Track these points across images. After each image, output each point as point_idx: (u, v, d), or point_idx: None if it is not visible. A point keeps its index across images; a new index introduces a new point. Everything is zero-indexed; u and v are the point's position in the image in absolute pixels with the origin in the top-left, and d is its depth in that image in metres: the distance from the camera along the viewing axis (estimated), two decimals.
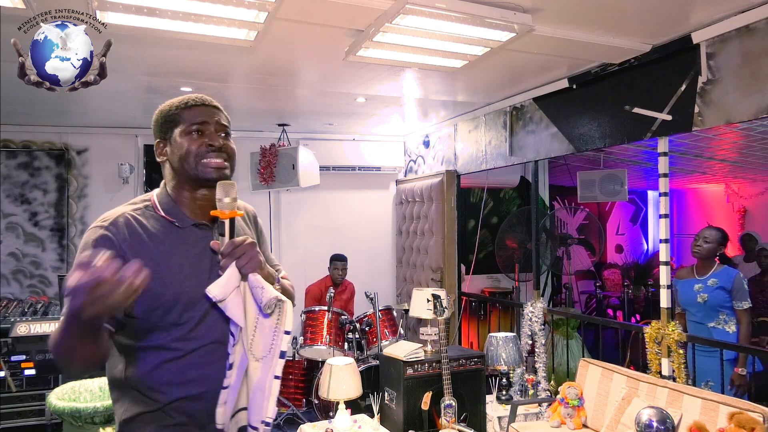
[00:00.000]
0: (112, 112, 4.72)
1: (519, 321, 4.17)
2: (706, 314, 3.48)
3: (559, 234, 6.14)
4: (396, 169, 6.20)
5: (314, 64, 3.39)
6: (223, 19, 2.46)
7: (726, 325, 3.42)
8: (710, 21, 2.72)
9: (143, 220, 1.39)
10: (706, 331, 3.47)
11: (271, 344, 1.32)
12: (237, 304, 1.30)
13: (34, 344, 2.45)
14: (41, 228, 5.08)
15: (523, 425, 3.40)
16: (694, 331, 3.51)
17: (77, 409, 1.99)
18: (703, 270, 3.55)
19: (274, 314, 1.32)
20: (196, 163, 1.40)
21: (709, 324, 3.47)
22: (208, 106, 1.46)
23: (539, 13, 2.56)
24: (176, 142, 1.41)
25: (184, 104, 1.43)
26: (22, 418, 3.42)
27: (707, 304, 3.46)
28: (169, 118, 1.43)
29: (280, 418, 4.57)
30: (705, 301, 3.46)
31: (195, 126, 1.42)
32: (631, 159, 6.10)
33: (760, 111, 2.57)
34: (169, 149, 1.44)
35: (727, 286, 3.43)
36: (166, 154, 1.45)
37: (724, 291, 3.43)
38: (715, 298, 3.43)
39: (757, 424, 2.33)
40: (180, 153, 1.40)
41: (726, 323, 3.43)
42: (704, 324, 3.49)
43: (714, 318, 3.46)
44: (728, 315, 3.43)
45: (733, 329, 3.41)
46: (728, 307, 3.44)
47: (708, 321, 3.48)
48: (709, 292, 3.46)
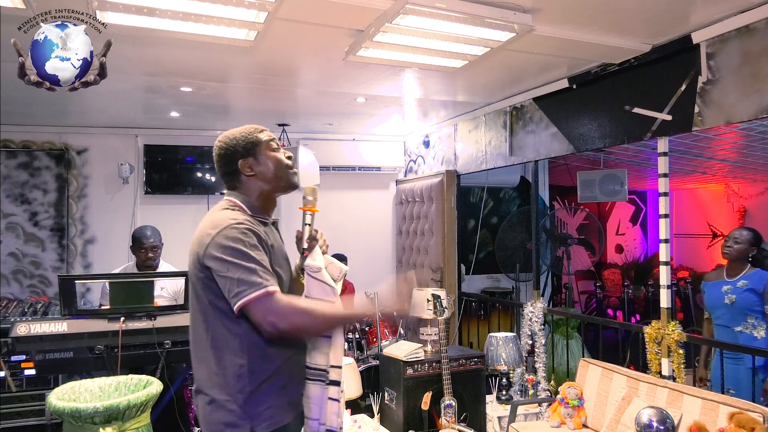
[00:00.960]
0: (112, 112, 4.72)
1: (519, 321, 4.17)
2: (733, 317, 3.31)
3: (559, 234, 6.14)
4: (396, 169, 6.20)
5: (314, 64, 3.39)
6: (223, 19, 2.46)
7: (754, 330, 3.24)
8: (710, 21, 2.72)
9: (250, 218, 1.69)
10: (732, 336, 3.30)
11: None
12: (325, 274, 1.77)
13: (34, 344, 2.45)
14: (41, 228, 5.08)
15: (523, 425, 3.40)
16: (720, 336, 3.38)
17: (77, 409, 1.99)
18: (733, 272, 3.39)
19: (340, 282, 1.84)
20: (285, 172, 1.78)
21: (736, 328, 3.30)
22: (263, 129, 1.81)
23: (539, 13, 2.56)
24: (267, 156, 1.75)
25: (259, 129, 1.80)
26: (22, 418, 3.41)
27: (735, 306, 3.29)
28: (251, 139, 1.76)
29: None
30: (733, 302, 3.30)
31: (273, 142, 1.79)
32: (631, 159, 6.10)
33: (760, 111, 2.57)
34: (257, 164, 1.75)
35: (758, 289, 3.24)
36: (253, 167, 1.75)
37: (755, 294, 3.25)
38: (744, 300, 3.26)
39: (757, 424, 2.33)
40: (274, 162, 1.76)
41: (755, 328, 3.24)
42: (731, 328, 3.32)
43: (741, 322, 3.27)
44: (757, 319, 3.24)
45: (762, 335, 3.21)
46: (757, 311, 3.25)
47: (735, 325, 3.30)
48: (738, 293, 3.29)
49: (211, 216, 1.69)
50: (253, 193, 1.75)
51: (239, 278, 1.53)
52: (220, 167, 1.79)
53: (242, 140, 1.76)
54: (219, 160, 1.79)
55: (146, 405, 2.17)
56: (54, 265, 5.09)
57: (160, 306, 2.82)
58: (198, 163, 5.49)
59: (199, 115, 4.82)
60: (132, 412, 2.09)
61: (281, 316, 1.54)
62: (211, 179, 5.51)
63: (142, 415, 2.18)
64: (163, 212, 5.35)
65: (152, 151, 5.34)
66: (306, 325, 1.62)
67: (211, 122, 5.27)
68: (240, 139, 1.76)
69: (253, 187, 1.75)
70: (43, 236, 5.08)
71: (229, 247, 1.55)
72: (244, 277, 1.53)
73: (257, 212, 1.73)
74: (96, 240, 5.24)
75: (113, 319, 2.58)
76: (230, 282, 1.54)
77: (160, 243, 3.50)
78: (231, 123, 5.41)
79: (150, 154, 5.33)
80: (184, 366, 3.09)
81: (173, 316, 2.69)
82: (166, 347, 2.59)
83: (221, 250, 1.55)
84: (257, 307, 1.53)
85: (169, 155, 5.39)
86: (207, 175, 5.51)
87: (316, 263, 1.72)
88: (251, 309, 1.53)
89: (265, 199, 1.77)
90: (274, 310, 1.53)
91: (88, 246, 5.22)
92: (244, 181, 1.75)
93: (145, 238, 3.42)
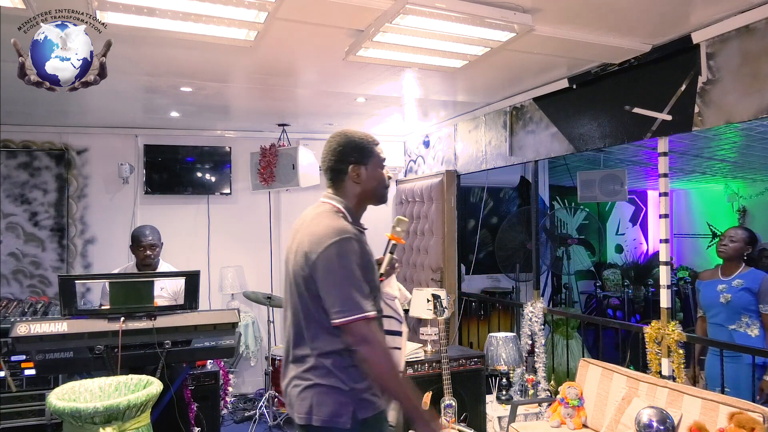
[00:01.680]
0: (112, 112, 4.72)
1: (519, 321, 4.17)
2: (728, 316, 3.33)
3: (559, 234, 6.15)
4: (396, 169, 6.20)
5: (314, 64, 3.39)
6: (223, 19, 2.46)
7: (748, 328, 3.27)
8: (710, 21, 2.72)
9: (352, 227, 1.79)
10: (727, 335, 3.33)
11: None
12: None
13: (34, 344, 2.44)
14: (41, 228, 5.08)
15: (523, 425, 3.40)
16: (714, 334, 3.39)
17: (77, 409, 1.99)
18: (728, 271, 3.40)
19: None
20: (383, 191, 1.92)
21: (730, 327, 3.32)
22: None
23: (539, 13, 2.56)
24: (375, 171, 1.87)
25: (377, 142, 1.90)
26: (22, 418, 3.41)
27: (730, 305, 3.31)
28: (369, 148, 1.87)
29: (280, 418, 4.58)
30: (728, 301, 3.31)
31: (384, 160, 1.91)
32: (631, 159, 6.10)
33: (760, 111, 2.57)
34: (365, 173, 1.85)
35: (753, 288, 3.27)
36: (361, 176, 1.85)
37: (750, 293, 3.28)
38: (739, 299, 3.28)
39: (757, 424, 2.33)
40: (378, 179, 1.88)
41: (749, 327, 3.27)
42: (725, 326, 3.34)
43: (736, 320, 3.30)
44: (751, 318, 3.27)
45: (756, 333, 3.23)
46: (752, 310, 3.27)
47: (729, 324, 3.33)
48: (733, 292, 3.31)
49: (324, 220, 1.77)
50: (352, 199, 1.87)
51: (344, 296, 1.66)
52: (329, 160, 1.87)
53: (360, 146, 1.86)
54: (331, 155, 1.86)
55: (146, 405, 2.17)
56: (54, 265, 5.09)
57: (160, 306, 2.82)
58: (198, 163, 5.48)
59: (199, 115, 4.82)
60: (132, 412, 2.09)
61: (370, 347, 1.67)
62: (211, 179, 5.51)
63: (142, 415, 2.18)
64: (163, 212, 5.35)
65: (152, 151, 5.34)
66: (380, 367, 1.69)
67: (211, 122, 5.27)
68: (359, 144, 1.86)
69: (353, 192, 1.87)
70: (43, 236, 5.08)
71: (339, 263, 1.67)
72: (348, 296, 1.66)
73: (356, 221, 1.85)
74: (96, 240, 5.24)
75: (113, 319, 2.57)
76: (333, 297, 1.67)
77: (159, 242, 3.50)
78: (231, 123, 5.46)
79: (150, 154, 5.33)
80: (184, 366, 3.09)
81: (173, 316, 2.69)
82: (166, 347, 2.59)
83: (331, 263, 1.67)
84: (354, 330, 1.66)
85: (169, 155, 5.39)
86: (207, 175, 5.51)
87: (393, 292, 1.85)
88: (348, 328, 1.66)
89: (360, 207, 1.90)
90: (368, 339, 1.67)
91: (88, 246, 5.22)
92: (347, 184, 1.86)
93: (144, 236, 3.43)
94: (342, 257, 1.68)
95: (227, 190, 5.55)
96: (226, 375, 4.77)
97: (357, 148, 1.85)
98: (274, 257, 5.75)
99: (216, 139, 5.58)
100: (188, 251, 5.40)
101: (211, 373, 4.07)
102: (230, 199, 5.65)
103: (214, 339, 2.71)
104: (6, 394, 3.40)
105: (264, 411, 4.62)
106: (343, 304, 1.65)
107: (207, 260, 5.50)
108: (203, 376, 4.03)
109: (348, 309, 1.65)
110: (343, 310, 1.65)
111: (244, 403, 5.26)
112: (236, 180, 5.63)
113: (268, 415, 4.57)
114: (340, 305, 1.65)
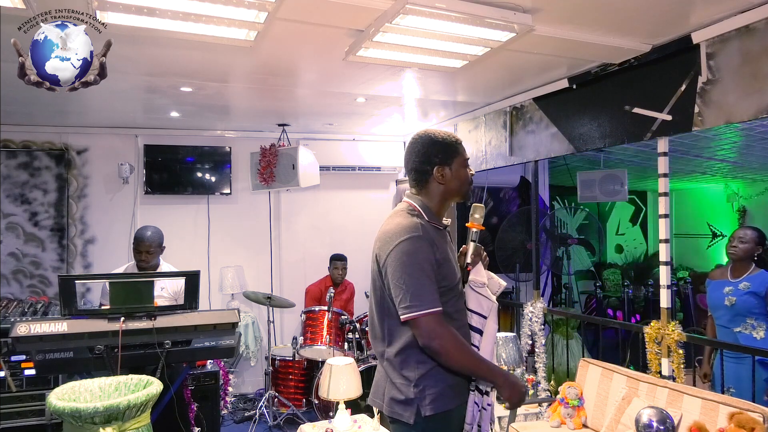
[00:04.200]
0: (112, 112, 4.72)
1: (519, 321, 4.17)
2: (733, 318, 3.33)
3: (559, 234, 6.15)
4: (396, 169, 6.20)
5: (314, 64, 3.39)
6: (223, 19, 2.45)
7: (754, 330, 3.25)
8: (710, 21, 2.72)
9: (427, 225, 1.83)
10: (732, 337, 3.33)
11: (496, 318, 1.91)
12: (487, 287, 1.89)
13: (34, 344, 2.44)
14: (41, 228, 5.08)
15: (523, 425, 3.40)
16: (720, 336, 3.38)
17: (77, 409, 1.99)
18: (737, 272, 3.38)
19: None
20: (467, 189, 1.94)
21: (735, 329, 3.32)
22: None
23: (539, 13, 2.56)
24: (459, 171, 1.89)
25: (459, 141, 1.92)
26: (22, 418, 3.42)
27: (734, 307, 3.30)
28: (453, 148, 1.89)
29: (280, 418, 4.58)
30: (732, 304, 3.31)
31: (467, 160, 1.92)
32: (631, 159, 6.10)
33: (760, 111, 2.57)
34: (449, 173, 1.88)
35: (759, 291, 3.24)
36: (446, 176, 1.88)
37: (756, 296, 3.25)
38: (744, 303, 3.26)
39: (757, 424, 2.33)
40: (462, 179, 1.90)
41: (754, 329, 3.25)
42: (730, 328, 3.35)
43: (741, 323, 3.29)
44: (757, 320, 3.25)
45: (762, 335, 3.22)
46: (757, 312, 3.25)
47: (734, 326, 3.32)
48: (738, 295, 3.29)
49: (396, 219, 1.84)
50: (434, 198, 1.90)
51: (411, 292, 1.70)
52: (413, 162, 1.90)
53: (444, 146, 1.88)
54: (415, 156, 1.89)
55: (146, 405, 2.16)
56: (54, 265, 5.09)
57: (160, 306, 2.81)
58: (198, 163, 5.49)
59: (199, 115, 4.83)
60: (132, 412, 2.09)
61: (439, 341, 1.71)
62: (211, 179, 5.51)
63: (142, 415, 2.18)
64: (163, 212, 5.35)
65: (152, 151, 5.34)
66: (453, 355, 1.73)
67: (211, 122, 5.27)
68: (442, 144, 1.88)
69: (437, 192, 1.90)
70: (43, 236, 5.08)
71: (406, 260, 1.72)
72: (415, 292, 1.70)
73: (433, 218, 1.87)
74: (96, 240, 5.24)
75: (113, 319, 2.57)
76: (402, 293, 1.72)
77: (158, 247, 3.47)
78: (231, 123, 5.46)
79: (150, 154, 5.33)
80: (184, 366, 3.09)
81: (173, 316, 2.69)
82: (166, 347, 2.59)
83: (399, 260, 1.73)
84: (421, 325, 1.71)
85: (169, 155, 5.39)
86: (207, 175, 5.51)
87: (480, 278, 1.84)
88: (416, 323, 1.71)
89: (443, 206, 1.93)
90: (435, 334, 1.71)
91: (88, 246, 5.22)
92: (432, 185, 1.89)
93: (142, 240, 3.41)
94: (410, 255, 1.73)
95: (227, 190, 5.55)
96: (226, 375, 4.77)
97: (441, 149, 1.87)
98: (274, 257, 5.75)
99: (216, 139, 5.58)
100: (188, 251, 5.40)
101: (211, 373, 4.07)
102: (230, 199, 5.65)
103: (214, 339, 2.71)
104: (6, 394, 3.40)
105: (264, 411, 4.62)
106: (411, 300, 1.70)
107: (207, 260, 5.50)
108: (203, 376, 4.04)
109: (415, 305, 1.70)
110: (410, 306, 1.70)
111: (244, 403, 5.26)
112: (236, 180, 5.63)
113: (268, 415, 4.57)
114: (408, 301, 1.70)
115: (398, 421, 1.82)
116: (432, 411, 1.77)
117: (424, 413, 1.77)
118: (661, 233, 3.22)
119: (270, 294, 4.75)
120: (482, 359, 1.82)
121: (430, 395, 1.78)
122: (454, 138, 1.91)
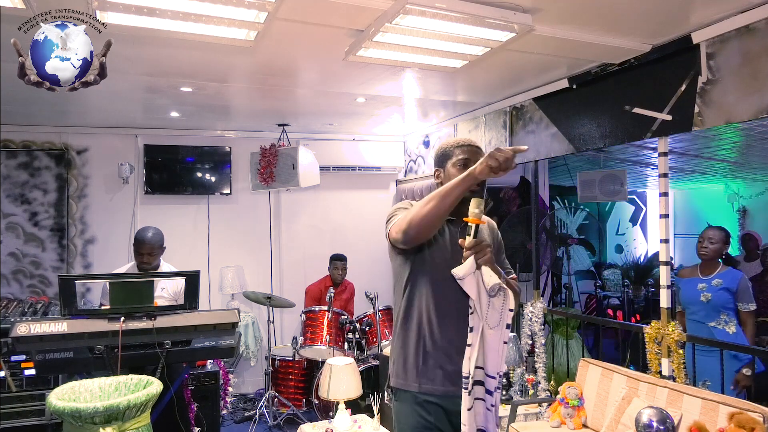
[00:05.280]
0: (112, 112, 4.72)
1: (519, 321, 4.17)
2: (708, 314, 3.51)
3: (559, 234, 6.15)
4: (396, 169, 6.20)
5: (314, 64, 3.39)
6: (223, 19, 2.45)
7: (726, 325, 3.45)
8: (710, 21, 2.72)
9: None
10: (707, 331, 3.49)
11: (500, 318, 1.86)
12: (471, 284, 1.84)
13: (34, 344, 2.44)
14: (41, 228, 5.08)
15: (523, 425, 3.40)
16: (694, 330, 3.53)
17: (77, 409, 1.99)
18: (707, 270, 3.58)
19: (500, 296, 1.86)
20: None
21: (710, 324, 3.49)
22: (471, 146, 2.02)
23: (539, 13, 2.56)
24: (450, 171, 2.00)
25: (458, 144, 2.03)
26: (22, 418, 3.42)
27: (710, 303, 3.48)
28: (447, 152, 2.04)
29: (280, 418, 4.58)
30: (708, 300, 3.48)
31: (463, 160, 1.98)
32: (630, 159, 6.10)
33: (760, 111, 2.57)
34: (443, 176, 2.04)
35: (731, 288, 3.45)
36: (441, 177, 2.06)
37: (728, 292, 3.45)
38: (719, 298, 3.46)
39: (757, 424, 2.33)
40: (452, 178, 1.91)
41: (726, 324, 3.45)
42: (705, 323, 3.52)
43: (715, 318, 3.48)
44: (729, 316, 3.46)
45: (733, 330, 3.43)
46: (730, 308, 3.45)
47: (709, 321, 3.50)
48: (713, 292, 3.48)
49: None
50: None
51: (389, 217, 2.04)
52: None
53: (441, 151, 2.07)
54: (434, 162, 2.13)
55: (146, 405, 2.17)
56: (54, 265, 5.09)
57: (160, 306, 2.81)
58: (198, 163, 5.49)
59: (199, 115, 4.83)
60: (132, 412, 2.09)
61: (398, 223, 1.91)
62: (211, 179, 5.51)
63: (142, 415, 2.18)
64: (163, 212, 5.36)
65: (152, 151, 5.34)
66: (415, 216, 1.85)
67: (211, 122, 5.27)
68: (441, 149, 2.08)
69: None
70: (43, 236, 5.08)
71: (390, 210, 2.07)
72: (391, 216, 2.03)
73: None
74: (96, 240, 5.24)
75: (113, 319, 2.57)
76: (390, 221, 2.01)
77: (159, 248, 3.47)
78: (231, 123, 5.46)
79: (150, 154, 5.33)
80: (184, 366, 3.09)
81: (173, 316, 2.69)
82: (166, 347, 2.59)
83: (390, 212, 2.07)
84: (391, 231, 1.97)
85: (169, 155, 5.39)
86: (207, 175, 5.51)
87: (459, 272, 1.87)
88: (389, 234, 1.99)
89: None
90: (396, 224, 1.93)
91: (88, 246, 5.22)
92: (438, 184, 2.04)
93: (143, 241, 3.40)
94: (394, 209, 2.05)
95: (227, 190, 5.56)
96: (226, 375, 4.77)
97: (438, 154, 2.08)
98: (274, 257, 5.75)
99: (216, 139, 5.58)
100: (188, 251, 5.40)
101: (211, 373, 4.07)
102: (230, 199, 5.65)
103: (214, 339, 2.71)
104: (6, 394, 3.41)
105: (264, 411, 4.62)
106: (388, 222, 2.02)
107: (207, 260, 5.50)
108: (203, 376, 4.04)
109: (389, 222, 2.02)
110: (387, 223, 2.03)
111: (244, 403, 5.26)
112: (236, 180, 5.64)
113: (268, 415, 4.57)
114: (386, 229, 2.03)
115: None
116: (430, 392, 1.92)
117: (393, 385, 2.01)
118: (661, 233, 3.22)
119: (270, 294, 4.75)
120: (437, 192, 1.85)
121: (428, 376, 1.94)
122: (452, 142, 2.05)
